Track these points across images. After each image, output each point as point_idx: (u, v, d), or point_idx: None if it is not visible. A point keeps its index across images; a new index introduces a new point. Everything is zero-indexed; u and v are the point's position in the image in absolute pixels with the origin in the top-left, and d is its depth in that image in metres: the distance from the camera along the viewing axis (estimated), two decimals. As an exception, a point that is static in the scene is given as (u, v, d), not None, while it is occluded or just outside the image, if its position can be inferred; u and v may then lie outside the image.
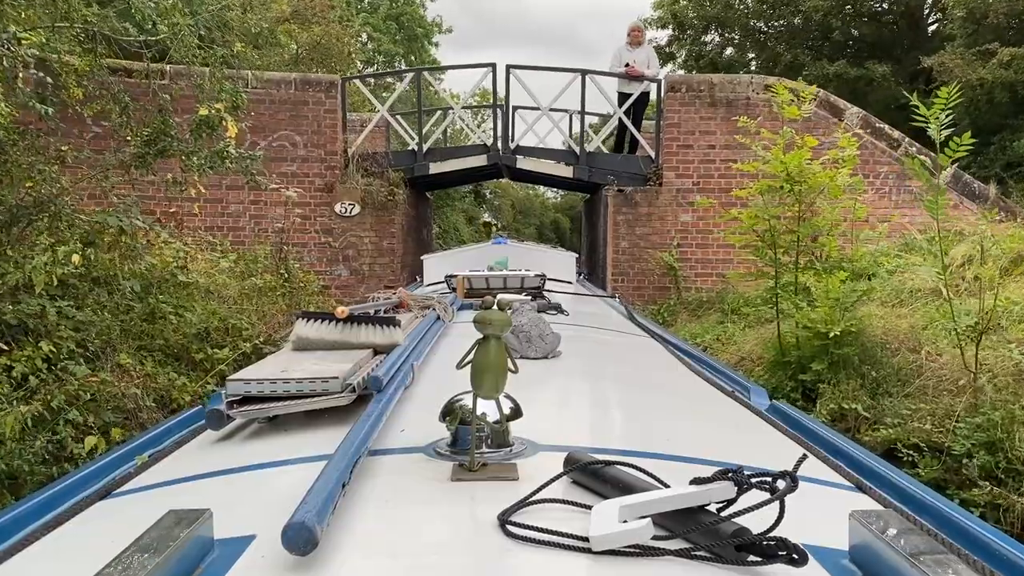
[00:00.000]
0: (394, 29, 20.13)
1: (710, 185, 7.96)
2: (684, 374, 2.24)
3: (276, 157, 8.03)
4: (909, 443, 3.70)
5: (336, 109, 8.14)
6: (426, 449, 1.09)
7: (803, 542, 0.75)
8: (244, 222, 8.07)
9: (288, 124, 8.07)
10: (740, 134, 7.93)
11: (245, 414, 1.28)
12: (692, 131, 7.98)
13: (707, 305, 7.51)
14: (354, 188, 8.05)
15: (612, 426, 1.47)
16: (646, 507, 0.79)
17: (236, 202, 8.06)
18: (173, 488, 1.13)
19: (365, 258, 8.17)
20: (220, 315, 4.89)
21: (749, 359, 5.54)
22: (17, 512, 1.06)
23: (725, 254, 7.94)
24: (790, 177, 4.74)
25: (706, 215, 7.95)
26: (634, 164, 8.42)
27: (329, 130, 8.12)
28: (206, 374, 4.33)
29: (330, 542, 0.76)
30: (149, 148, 4.73)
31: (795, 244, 4.88)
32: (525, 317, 2.06)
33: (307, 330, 1.60)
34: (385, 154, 8.60)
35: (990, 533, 0.86)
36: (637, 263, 8.11)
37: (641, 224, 8.09)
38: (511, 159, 8.62)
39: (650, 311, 7.81)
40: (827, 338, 4.25)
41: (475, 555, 0.77)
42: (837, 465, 1.19)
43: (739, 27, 16.72)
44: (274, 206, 7.93)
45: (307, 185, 8.08)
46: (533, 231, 22.64)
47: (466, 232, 17.55)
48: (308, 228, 8.11)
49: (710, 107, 7.96)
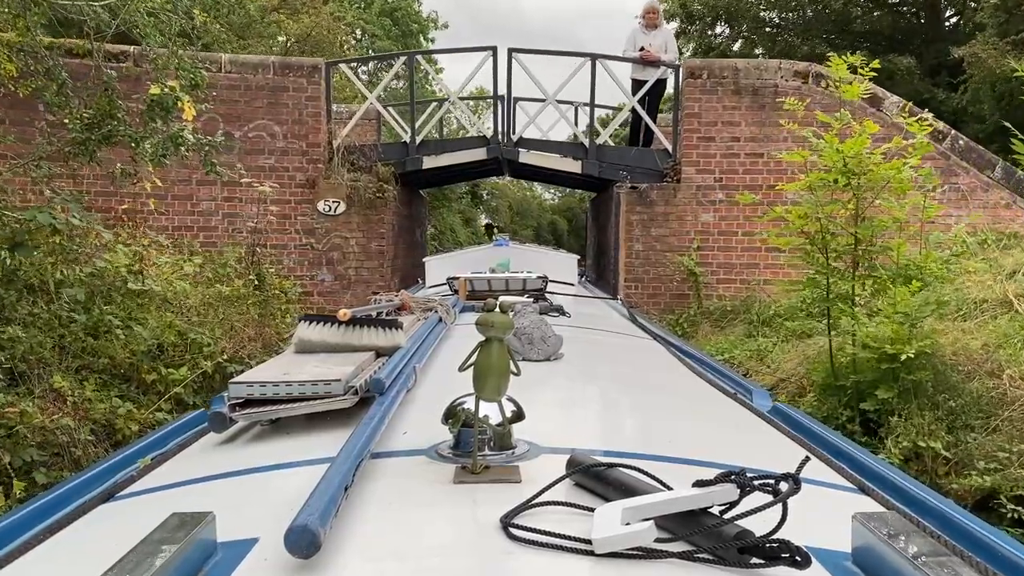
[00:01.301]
0: (388, 25, 20.70)
1: (733, 182, 8.03)
2: (686, 376, 2.48)
3: (252, 149, 8.12)
4: (1013, 494, 3.40)
5: (319, 96, 8.21)
6: (428, 452, 1.20)
7: (806, 544, 0.84)
8: (216, 221, 8.15)
9: (266, 113, 8.15)
10: (769, 124, 8.10)
11: (247, 417, 1.41)
12: (714, 122, 8.07)
13: (731, 315, 7.55)
14: (339, 184, 8.13)
15: (614, 428, 1.61)
16: (649, 509, 0.89)
17: (207, 199, 8.15)
18: (176, 491, 1.25)
19: (351, 262, 8.24)
20: (178, 328, 4.70)
21: (791, 381, 5.34)
22: (20, 515, 1.18)
23: (750, 258, 8.04)
24: (847, 169, 4.35)
25: (728, 215, 8.04)
26: (649, 158, 8.51)
27: (311, 120, 8.19)
28: (159, 397, 4.15)
29: (333, 545, 0.86)
30: (91, 133, 4.45)
31: (851, 248, 4.52)
32: (527, 319, 2.27)
33: (309, 332, 1.75)
34: (374, 147, 8.68)
35: (993, 535, 0.96)
36: (653, 268, 8.19)
37: (657, 225, 8.18)
38: (513, 152, 8.71)
39: (667, 321, 7.86)
40: (895, 360, 3.92)
41: (478, 557, 0.86)
42: (840, 467, 1.31)
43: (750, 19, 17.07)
44: (250, 203, 7.96)
45: (287, 180, 8.16)
46: (530, 232, 24.26)
47: (463, 233, 18.71)
48: (287, 228, 8.18)
49: (734, 95, 8.05)
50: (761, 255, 8.01)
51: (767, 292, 7.72)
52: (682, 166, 8.13)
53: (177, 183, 8.08)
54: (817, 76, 8.00)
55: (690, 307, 8.01)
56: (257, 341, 5.29)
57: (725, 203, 8.06)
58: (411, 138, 8.77)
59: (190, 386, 4.38)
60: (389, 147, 9.23)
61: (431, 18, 23.12)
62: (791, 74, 8.05)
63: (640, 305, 8.01)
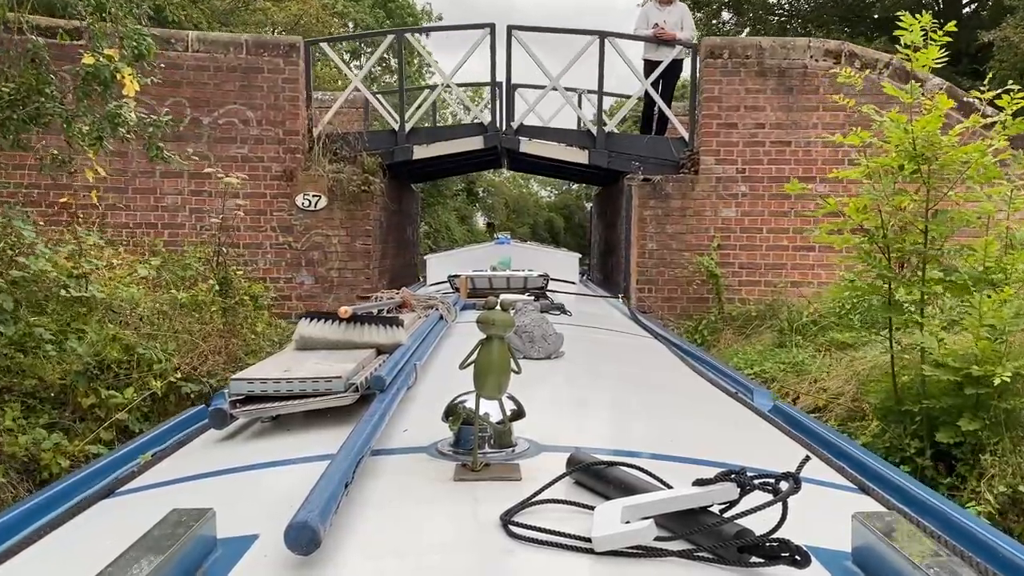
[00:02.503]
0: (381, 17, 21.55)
1: (758, 173, 8.17)
2: (687, 374, 2.73)
3: (223, 137, 8.21)
4: None
5: (298, 78, 8.29)
6: (429, 449, 1.34)
7: (806, 543, 0.94)
8: (183, 217, 8.22)
9: (238, 97, 8.24)
10: (797, 109, 8.20)
11: (248, 413, 1.57)
12: (736, 106, 8.19)
13: (756, 321, 7.64)
14: (320, 176, 8.23)
15: (615, 427, 1.77)
16: (648, 508, 1.01)
17: (173, 192, 8.25)
18: (176, 487, 1.38)
19: (333, 262, 8.34)
20: (124, 342, 4.52)
21: (839, 403, 5.09)
22: (20, 511, 1.31)
23: (776, 258, 8.17)
24: (916, 153, 4.01)
25: (752, 209, 8.17)
26: (664, 147, 8.64)
27: (289, 104, 8.27)
28: (99, 424, 4.00)
29: (333, 542, 0.96)
30: (14, 111, 4.32)
31: (919, 245, 4.15)
32: (528, 317, 2.52)
33: (310, 330, 1.96)
34: (359, 135, 8.76)
35: (994, 536, 1.08)
36: (668, 269, 8.31)
37: (673, 221, 8.29)
38: (513, 141, 8.83)
39: (685, 328, 7.93)
40: (981, 383, 3.62)
41: (477, 555, 0.97)
42: (840, 467, 1.45)
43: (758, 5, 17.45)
44: (221, 197, 7.93)
45: (261, 172, 8.25)
46: (527, 230, 26.31)
47: (458, 232, 19.94)
48: (262, 225, 8.26)
49: (758, 77, 8.17)
50: (788, 254, 8.14)
51: (796, 295, 7.81)
52: (700, 156, 8.24)
53: (139, 175, 8.16)
54: (851, 56, 8.10)
55: (710, 312, 8.09)
56: (220, 354, 5.17)
57: (748, 196, 8.18)
58: (400, 125, 8.85)
59: (137, 410, 4.21)
60: (376, 135, 9.32)
61: (425, 11, 24.79)
62: (822, 53, 8.14)
63: (654, 310, 8.11)
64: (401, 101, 9.16)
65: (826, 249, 7.96)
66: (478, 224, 25.64)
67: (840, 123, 7.98)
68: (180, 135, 8.09)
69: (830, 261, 7.99)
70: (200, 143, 8.15)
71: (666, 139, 8.86)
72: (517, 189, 30.71)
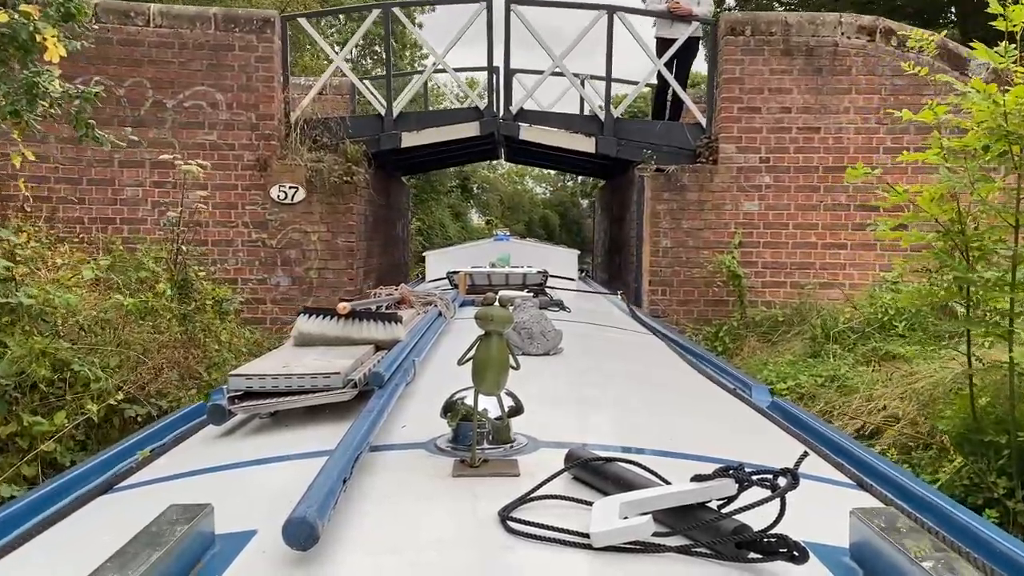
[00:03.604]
0: None
1: (783, 162, 8.32)
2: (686, 371, 3.02)
3: (189, 122, 8.31)
4: None
5: (272, 57, 8.37)
6: (427, 445, 1.49)
7: (804, 539, 1.07)
8: (144, 212, 8.30)
9: (206, 77, 8.33)
10: (827, 92, 8.28)
11: (246, 410, 1.75)
12: (759, 89, 8.33)
13: (783, 327, 7.74)
14: (297, 165, 8.32)
15: (613, 423, 1.94)
16: (647, 504, 1.14)
17: (133, 184, 8.33)
18: (174, 483, 1.54)
19: (312, 261, 8.44)
20: (56, 357, 4.32)
21: (899, 428, 4.85)
22: (19, 506, 1.47)
23: (804, 256, 8.30)
24: (1007, 131, 3.73)
25: (777, 203, 8.32)
26: (679, 134, 8.77)
27: (263, 86, 8.36)
28: (20, 457, 3.87)
29: (331, 537, 1.09)
30: None
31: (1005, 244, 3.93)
32: (527, 314, 2.81)
33: (309, 326, 2.17)
34: (341, 120, 8.83)
35: (992, 532, 1.22)
36: (684, 269, 8.45)
37: (690, 215, 8.42)
38: (512, 128, 8.96)
39: (705, 335, 8.05)
40: None
41: (476, 551, 1.10)
42: (838, 463, 1.62)
43: None
44: (189, 189, 8.09)
45: (232, 161, 8.34)
46: (522, 228, 28.65)
47: (452, 228, 21.21)
48: (233, 220, 8.35)
49: (784, 56, 8.31)
50: (817, 252, 8.28)
51: (825, 297, 7.90)
52: (719, 143, 8.38)
53: (95, 164, 8.25)
54: (887, 32, 8.23)
55: (732, 317, 8.20)
56: (175, 369, 5.06)
57: (773, 188, 8.32)
58: (387, 110, 8.92)
59: (70, 439, 4.06)
60: (360, 121, 9.41)
61: (418, 0, 25.54)
62: (854, 30, 8.28)
63: (669, 314, 8.24)
64: (388, 81, 9.22)
65: (859, 247, 8.11)
66: (472, 221, 27.76)
67: (875, 107, 8.14)
68: (141, 120, 8.23)
69: (863, 260, 8.15)
70: (163, 128, 8.26)
71: (681, 125, 8.99)
72: (512, 186, 33.46)
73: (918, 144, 7.82)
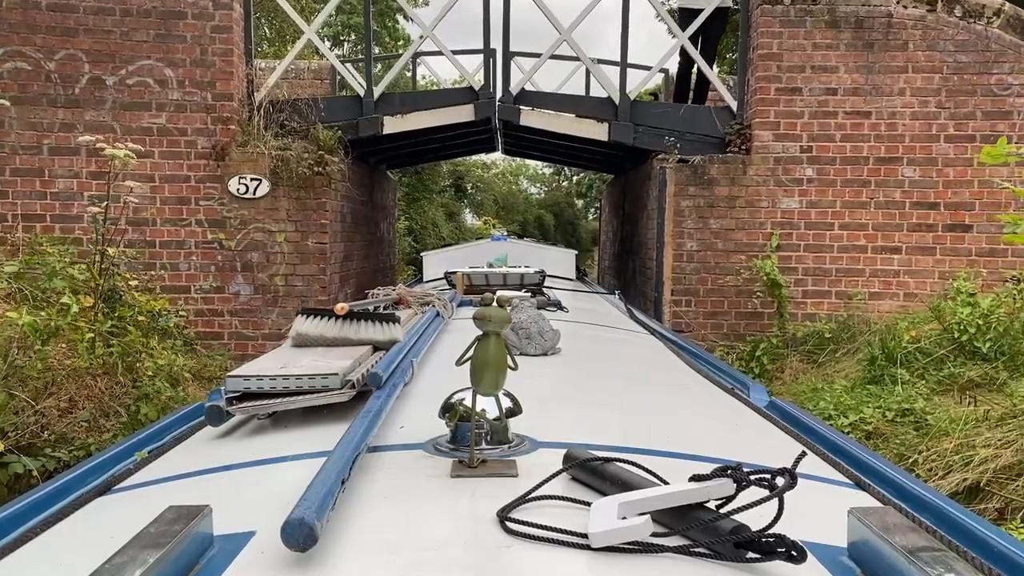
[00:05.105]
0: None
1: (828, 152, 8.53)
2: (684, 371, 3.48)
3: (133, 103, 8.43)
4: None
5: (231, 27, 8.50)
6: (425, 445, 1.74)
7: (802, 539, 1.28)
8: (80, 207, 8.37)
9: (153, 50, 8.46)
10: (879, 70, 8.38)
11: (244, 410, 2.04)
12: (800, 67, 8.52)
13: (830, 344, 7.89)
14: (260, 154, 8.43)
15: (611, 423, 2.21)
16: (645, 504, 1.37)
17: (66, 175, 8.46)
18: (172, 484, 1.79)
19: (278, 266, 8.56)
20: None
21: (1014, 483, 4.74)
22: (16, 508, 1.72)
23: (851, 261, 8.50)
24: None
25: (821, 199, 8.51)
26: (706, 120, 8.97)
27: (220, 60, 8.49)
28: None
29: (330, 538, 1.31)
30: None
31: None
32: (525, 314, 3.23)
33: (306, 327, 2.51)
34: (312, 101, 8.94)
35: (989, 531, 1.45)
36: (712, 275, 8.64)
37: (719, 213, 8.62)
38: (511, 111, 9.17)
39: (738, 354, 8.24)
40: None
41: (474, 551, 1.32)
42: (836, 462, 1.88)
43: None
44: (121, 179, 7.77)
45: (184, 148, 8.46)
46: (516, 228, 32.62)
47: (446, 229, 23.19)
48: (185, 217, 8.47)
49: (829, 29, 8.50)
50: (867, 257, 8.47)
51: (876, 310, 8.12)
52: (754, 130, 8.58)
53: (20, 151, 8.38)
54: (949, 1, 8.45)
55: (770, 333, 8.34)
56: (85, 406, 4.90)
57: (816, 183, 8.51)
58: (367, 89, 9.03)
59: None
60: (335, 102, 9.52)
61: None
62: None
63: (695, 329, 8.45)
64: (368, 54, 9.35)
65: (915, 251, 8.31)
66: (467, 221, 30.48)
67: (935, 88, 8.36)
68: (76, 99, 8.35)
69: (921, 266, 8.33)
70: (103, 110, 8.40)
71: (708, 109, 9.18)
72: (507, 186, 38.16)
73: (986, 132, 8.10)
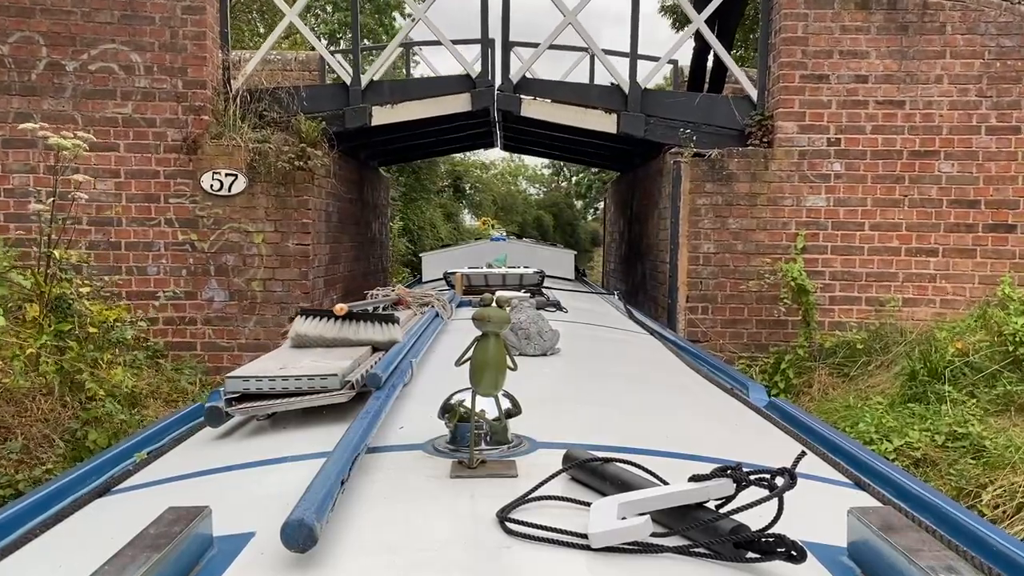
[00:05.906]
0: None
1: (858, 145, 8.65)
2: (683, 371, 3.78)
3: (96, 90, 8.51)
4: None
5: (205, 8, 8.60)
6: (425, 446, 1.91)
7: (802, 539, 1.42)
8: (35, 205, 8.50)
9: (117, 32, 8.55)
10: (914, 55, 8.38)
11: (244, 411, 2.22)
12: (828, 52, 8.64)
13: (862, 355, 7.99)
14: (236, 147, 8.52)
15: (611, 423, 2.39)
16: (645, 504, 1.52)
17: (21, 169, 8.55)
18: (172, 485, 1.96)
19: (255, 269, 8.65)
20: None
21: None
22: (16, 509, 1.88)
23: (883, 264, 8.61)
24: None
25: (850, 196, 8.63)
26: (723, 110, 9.11)
27: (192, 44, 8.58)
28: None
29: (329, 539, 1.45)
30: None
31: None
32: (524, 314, 3.49)
33: (306, 327, 2.72)
34: (294, 90, 9.03)
35: (989, 531, 1.61)
36: (731, 280, 8.77)
37: (738, 212, 8.75)
38: (512, 101, 9.32)
39: (761, 367, 8.37)
40: None
41: (474, 552, 1.46)
42: (836, 462, 2.06)
43: None
44: (99, 178, 8.20)
45: (152, 140, 8.56)
46: (515, 228, 35.15)
47: (444, 230, 24.64)
48: (153, 216, 8.56)
49: (859, 11, 8.62)
50: (901, 261, 8.58)
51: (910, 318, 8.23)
52: (776, 121, 8.70)
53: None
54: (991, -20, 8.59)
55: (797, 343, 8.40)
56: (20, 434, 4.87)
57: (844, 179, 8.64)
58: (354, 77, 9.14)
59: None
60: (318, 91, 9.64)
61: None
62: (948, -23, 8.54)
63: (713, 338, 8.59)
64: (355, 38, 9.41)
65: (953, 252, 8.42)
66: (465, 222, 32.39)
67: (975, 75, 8.49)
68: (32, 86, 8.44)
69: (960, 270, 8.45)
70: (62, 98, 8.48)
71: (726, 99, 9.31)
72: (506, 186, 41.66)
73: (1034, 121, 8.24)
